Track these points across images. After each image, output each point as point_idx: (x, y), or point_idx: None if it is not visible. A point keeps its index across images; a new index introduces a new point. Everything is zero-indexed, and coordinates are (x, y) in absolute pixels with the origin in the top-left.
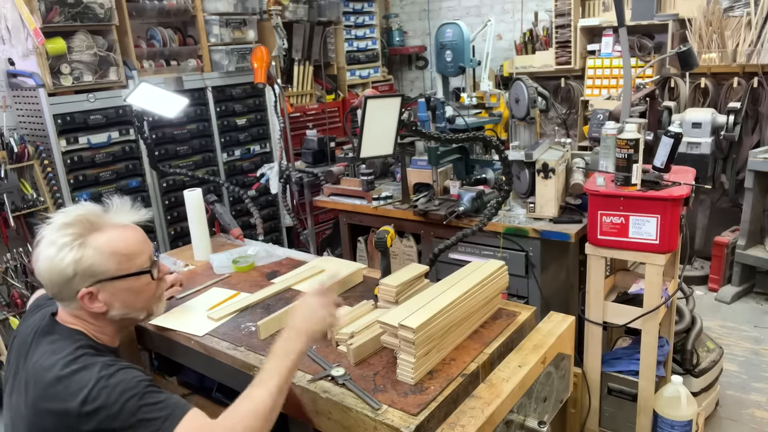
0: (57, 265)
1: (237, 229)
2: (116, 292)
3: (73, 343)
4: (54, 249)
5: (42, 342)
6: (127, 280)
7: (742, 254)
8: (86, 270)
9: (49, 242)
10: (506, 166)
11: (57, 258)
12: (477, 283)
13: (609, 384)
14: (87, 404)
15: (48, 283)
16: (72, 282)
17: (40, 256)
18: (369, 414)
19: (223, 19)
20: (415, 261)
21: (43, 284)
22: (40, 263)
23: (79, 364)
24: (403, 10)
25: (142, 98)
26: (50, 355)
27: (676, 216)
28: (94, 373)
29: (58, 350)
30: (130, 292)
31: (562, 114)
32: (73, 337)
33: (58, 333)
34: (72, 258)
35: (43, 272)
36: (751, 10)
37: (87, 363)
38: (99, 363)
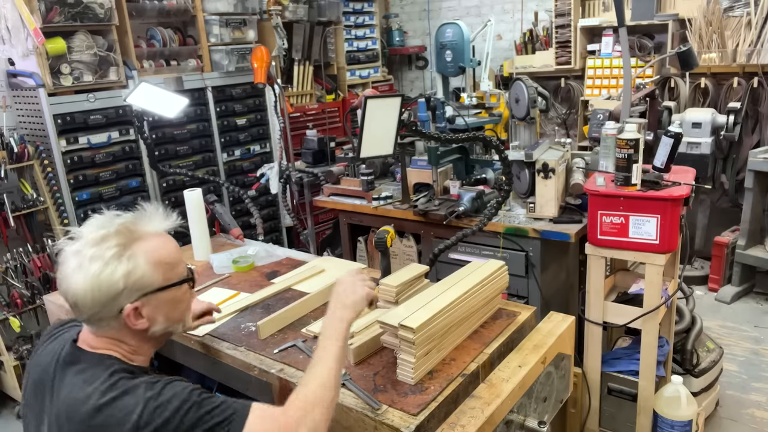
0: (104, 282)
1: (237, 229)
2: (160, 304)
3: (106, 369)
4: (99, 264)
5: (68, 373)
6: (170, 291)
7: (742, 254)
8: (135, 283)
9: (91, 258)
10: (506, 166)
11: (104, 273)
12: (477, 283)
13: (609, 384)
14: (140, 429)
15: (87, 304)
16: (118, 299)
17: (78, 276)
18: (369, 414)
19: (223, 19)
20: (415, 261)
21: (76, 306)
22: (79, 282)
23: (119, 389)
24: (403, 10)
25: (142, 98)
26: (83, 385)
27: (676, 216)
28: (139, 396)
29: (90, 379)
30: (172, 303)
31: (562, 114)
32: (103, 362)
33: (85, 361)
34: (123, 271)
35: (83, 292)
36: (751, 10)
37: (127, 387)
38: (141, 384)
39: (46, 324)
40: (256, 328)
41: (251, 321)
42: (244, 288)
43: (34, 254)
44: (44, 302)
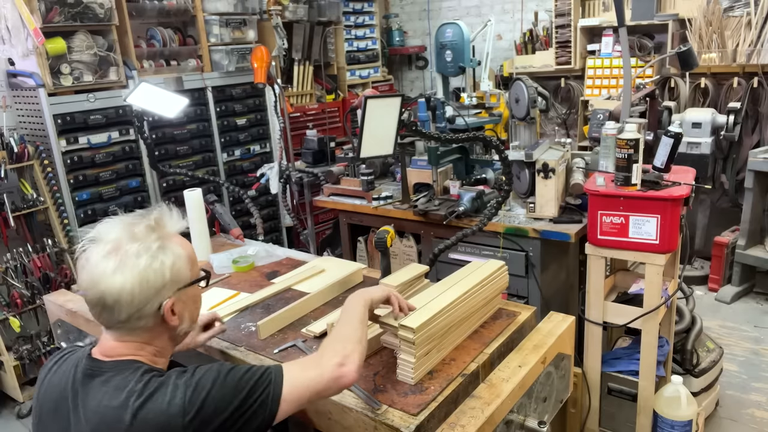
0: (152, 274)
1: (237, 229)
2: (187, 300)
3: (135, 372)
4: (146, 257)
5: (92, 386)
6: (194, 287)
7: (742, 254)
8: (175, 275)
9: (137, 253)
10: (506, 166)
11: (153, 265)
12: (477, 283)
13: (609, 384)
14: (188, 413)
15: (133, 300)
16: (162, 292)
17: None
18: (369, 414)
19: (223, 19)
20: (415, 261)
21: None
22: (124, 279)
23: (152, 386)
24: (403, 10)
25: (142, 98)
26: (114, 392)
27: (676, 216)
28: (175, 384)
29: (121, 385)
30: (194, 300)
31: (562, 114)
32: (130, 367)
33: (109, 370)
34: (170, 263)
35: (130, 287)
36: (751, 10)
37: (160, 381)
38: (172, 374)
39: (46, 324)
40: (256, 328)
41: (251, 321)
42: (244, 288)
43: (34, 254)
44: (44, 302)
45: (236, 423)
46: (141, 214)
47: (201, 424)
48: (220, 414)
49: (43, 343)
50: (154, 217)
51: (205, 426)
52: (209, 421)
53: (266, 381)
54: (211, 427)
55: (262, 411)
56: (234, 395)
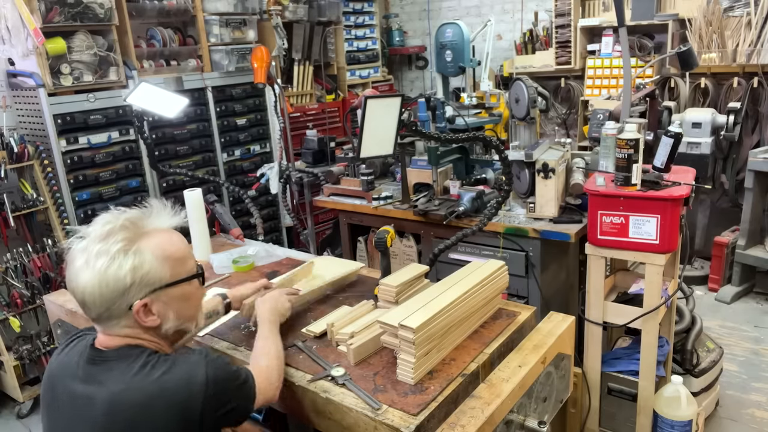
0: (111, 277)
1: (237, 229)
2: (169, 300)
3: (139, 355)
4: (105, 259)
5: (96, 374)
6: (180, 287)
7: (742, 254)
8: (143, 278)
9: (97, 253)
10: (506, 166)
11: (111, 268)
12: (477, 283)
13: (609, 384)
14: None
15: (95, 301)
16: (127, 294)
17: (85, 272)
18: (369, 414)
19: (223, 19)
20: (415, 261)
21: (85, 305)
22: (86, 279)
23: (163, 363)
24: (403, 10)
25: (142, 98)
26: (119, 376)
27: (676, 216)
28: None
29: (125, 369)
30: (182, 299)
31: (562, 114)
32: (132, 351)
33: (112, 359)
34: (130, 265)
35: (90, 288)
36: (751, 10)
37: (171, 360)
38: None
39: (46, 324)
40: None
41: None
42: None
43: (34, 254)
44: (44, 302)
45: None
46: (124, 210)
47: (216, 405)
48: (229, 400)
49: (43, 343)
50: (126, 217)
51: (218, 408)
52: (222, 403)
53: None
54: (221, 411)
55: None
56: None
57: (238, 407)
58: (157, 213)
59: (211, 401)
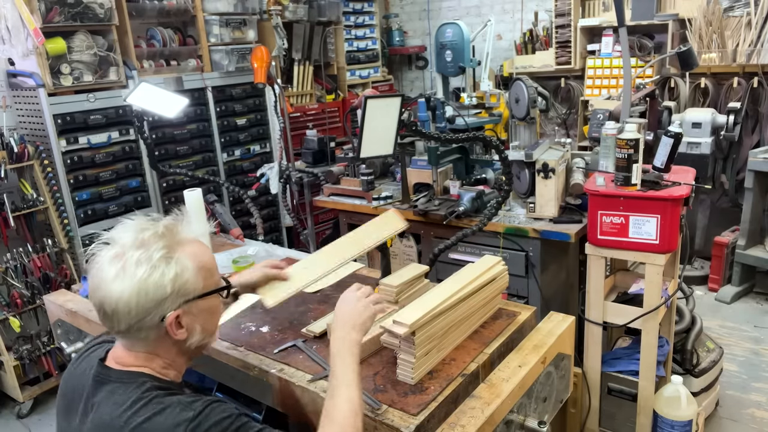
0: (152, 286)
1: (237, 229)
2: (198, 313)
3: (139, 387)
4: (146, 267)
5: (98, 394)
6: (209, 299)
7: (742, 254)
8: (181, 288)
9: (137, 261)
10: (506, 166)
11: (153, 276)
12: (476, 282)
13: (609, 384)
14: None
15: (131, 311)
16: (163, 305)
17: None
18: (369, 414)
19: (223, 19)
20: (415, 261)
21: (114, 316)
22: (122, 288)
23: (152, 407)
24: (403, 10)
25: (142, 98)
26: (113, 406)
27: (676, 216)
28: (177, 416)
29: (121, 399)
30: (209, 312)
31: (562, 114)
32: (135, 380)
33: (115, 380)
34: (172, 275)
35: (127, 298)
36: (751, 10)
37: (163, 405)
38: (175, 403)
39: (46, 324)
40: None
41: (251, 321)
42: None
43: (34, 254)
44: (44, 302)
45: None
46: (154, 218)
47: None
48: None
49: (43, 343)
50: (164, 224)
51: None
52: None
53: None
54: None
55: None
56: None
57: None
58: (188, 221)
59: None
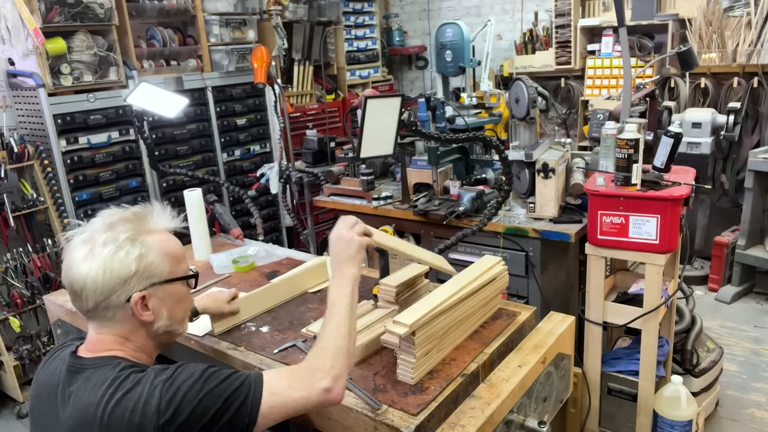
0: (117, 263)
1: (237, 229)
2: (165, 297)
3: (114, 368)
4: (112, 247)
5: (74, 383)
6: (175, 285)
7: (742, 254)
8: (146, 269)
9: (104, 242)
10: (506, 166)
11: (117, 256)
12: (477, 282)
13: (609, 384)
14: (162, 414)
15: (97, 288)
16: (128, 284)
17: (89, 261)
18: (369, 414)
19: (223, 19)
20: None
21: (82, 293)
22: (89, 267)
23: (130, 382)
24: (403, 10)
25: (142, 98)
26: (92, 389)
27: (676, 216)
28: (153, 382)
29: (99, 381)
30: (176, 299)
31: (562, 114)
32: (109, 363)
33: (90, 367)
34: (137, 254)
35: (94, 275)
36: (751, 10)
37: (137, 379)
38: (151, 372)
39: (46, 324)
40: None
41: (251, 321)
42: (244, 288)
43: (34, 254)
44: (44, 302)
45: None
46: (126, 207)
47: (176, 428)
48: (196, 421)
49: (43, 343)
50: (132, 211)
51: (183, 428)
52: (184, 426)
53: (245, 391)
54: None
55: (239, 422)
56: (212, 402)
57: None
58: (159, 213)
59: (168, 426)
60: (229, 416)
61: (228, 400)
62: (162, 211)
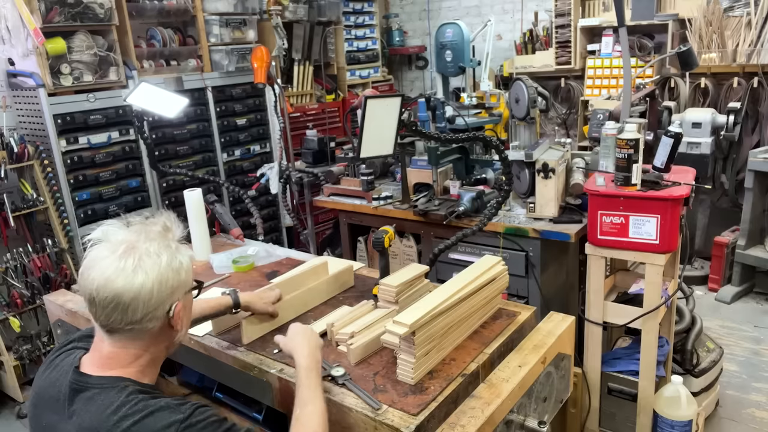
0: (171, 274)
1: (237, 229)
2: (186, 306)
3: (121, 391)
4: (167, 254)
5: (77, 401)
6: (191, 294)
7: (742, 254)
8: (187, 277)
9: (157, 251)
10: (506, 166)
11: (175, 262)
12: (477, 282)
13: (609, 384)
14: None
15: (149, 300)
16: (174, 294)
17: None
18: (369, 414)
19: (223, 19)
20: (415, 261)
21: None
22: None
23: (142, 411)
24: (403, 10)
25: (142, 98)
26: (95, 412)
27: (676, 216)
28: (165, 418)
29: (104, 405)
30: (190, 307)
31: (562, 114)
32: (116, 385)
33: (94, 386)
34: (187, 264)
35: (149, 287)
36: (751, 10)
37: (148, 409)
38: (163, 405)
39: (46, 324)
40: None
41: None
42: (244, 288)
43: (34, 254)
44: (44, 302)
45: None
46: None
47: None
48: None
49: (43, 343)
50: (164, 220)
51: None
52: None
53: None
54: None
55: None
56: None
57: None
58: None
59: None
60: None
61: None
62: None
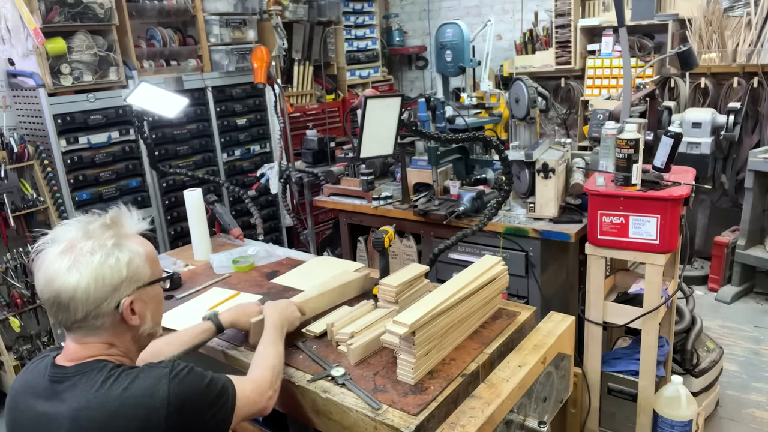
0: (108, 270)
1: (237, 229)
2: (148, 300)
3: (102, 369)
4: (101, 254)
5: (59, 392)
6: (155, 287)
7: (742, 254)
8: (134, 273)
9: (91, 250)
10: (506, 166)
11: (108, 262)
12: (475, 281)
13: (609, 384)
14: (171, 405)
15: (88, 298)
16: (119, 289)
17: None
18: (369, 414)
19: (223, 19)
20: (415, 261)
21: (70, 305)
22: (78, 277)
23: (124, 379)
24: (403, 10)
25: (142, 98)
26: (84, 393)
27: (676, 216)
28: (152, 375)
29: (89, 385)
30: (155, 300)
31: (562, 114)
32: (95, 367)
33: (75, 374)
34: (126, 259)
35: (85, 285)
36: (751, 10)
37: (131, 375)
38: (144, 368)
39: (46, 324)
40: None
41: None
42: (244, 288)
43: (35, 254)
44: None
45: (207, 425)
46: (98, 213)
47: (181, 422)
48: (199, 415)
49: (43, 343)
50: (109, 216)
51: (185, 423)
52: (190, 419)
53: (226, 394)
54: (190, 426)
55: (223, 421)
56: (211, 402)
57: (212, 421)
58: (128, 217)
59: (175, 417)
60: (219, 415)
61: (217, 400)
62: (131, 215)
